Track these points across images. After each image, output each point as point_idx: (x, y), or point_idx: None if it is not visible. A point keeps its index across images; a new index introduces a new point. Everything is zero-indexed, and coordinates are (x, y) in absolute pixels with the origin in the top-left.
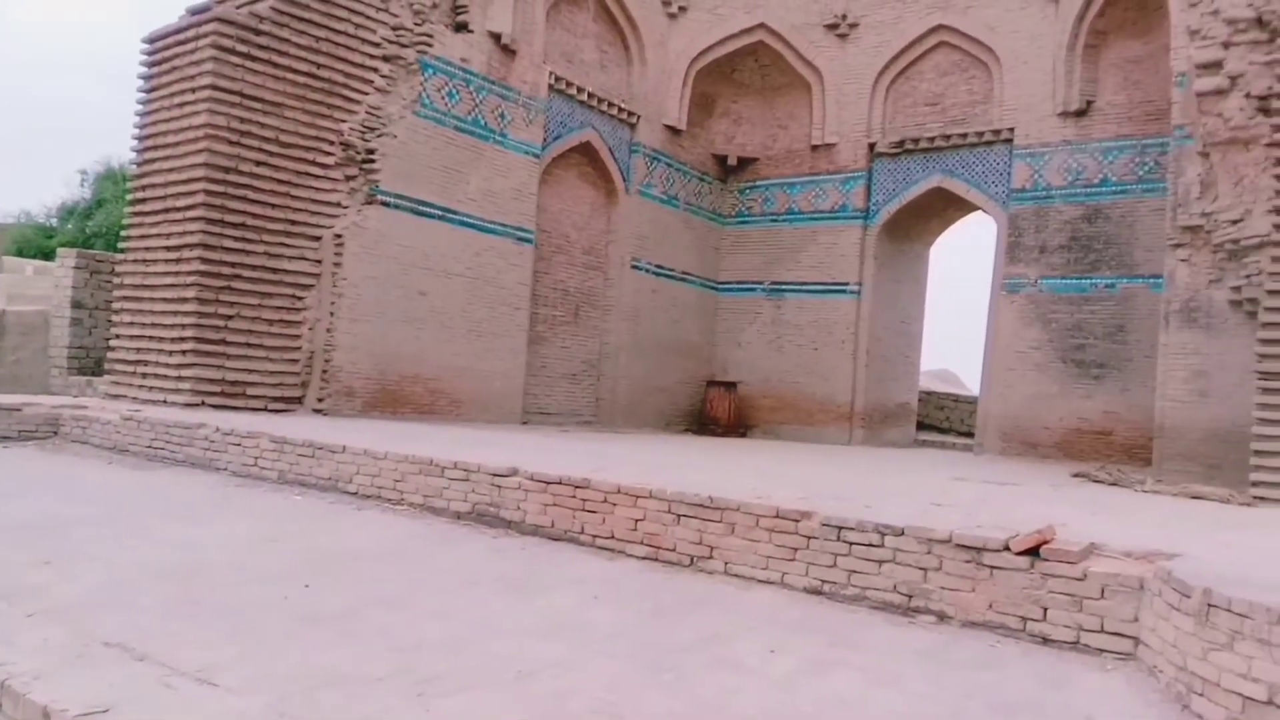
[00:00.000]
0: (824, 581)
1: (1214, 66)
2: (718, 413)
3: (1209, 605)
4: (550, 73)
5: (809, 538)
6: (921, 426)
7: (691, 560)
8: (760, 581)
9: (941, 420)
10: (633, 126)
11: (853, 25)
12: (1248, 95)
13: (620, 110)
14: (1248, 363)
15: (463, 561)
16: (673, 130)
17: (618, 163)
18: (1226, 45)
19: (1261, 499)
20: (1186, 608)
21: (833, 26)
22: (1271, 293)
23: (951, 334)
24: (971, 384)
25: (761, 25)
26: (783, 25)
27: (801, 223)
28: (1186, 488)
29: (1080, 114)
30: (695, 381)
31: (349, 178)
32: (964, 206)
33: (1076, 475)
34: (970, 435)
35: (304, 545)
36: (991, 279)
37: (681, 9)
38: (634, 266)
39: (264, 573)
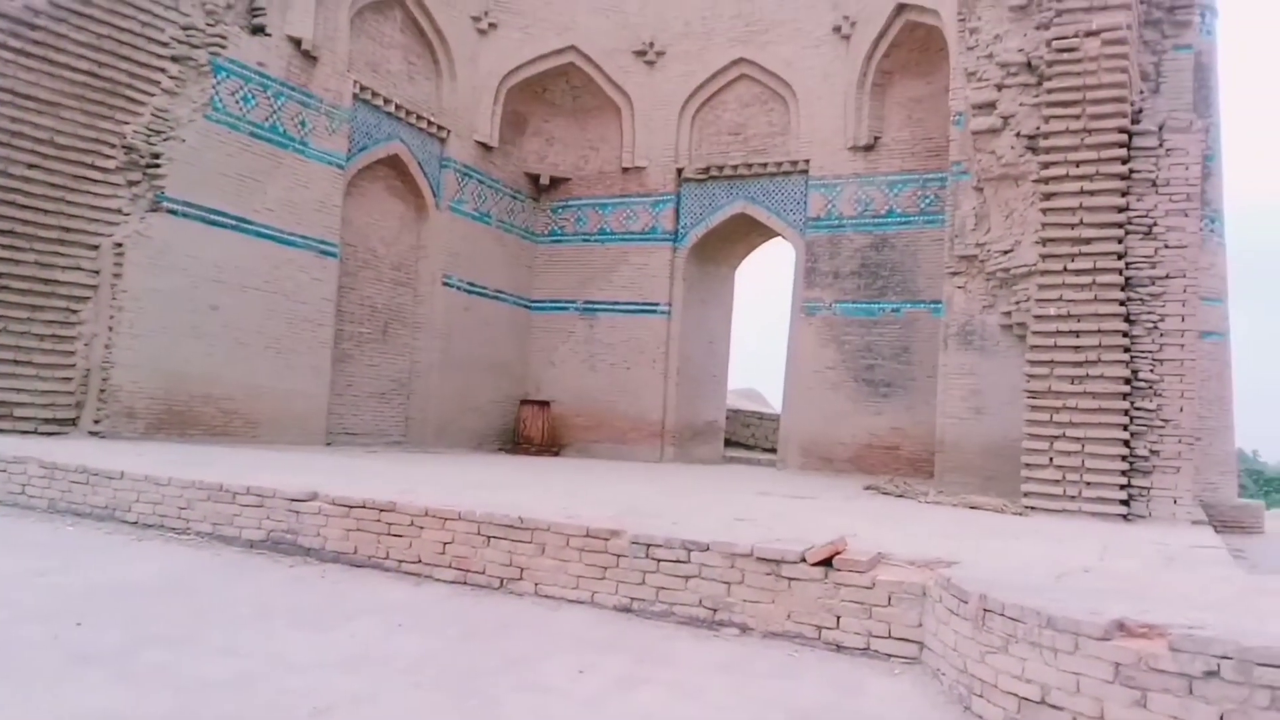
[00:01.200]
0: (633, 599)
1: (988, 107)
2: (531, 432)
3: (984, 610)
4: (355, 81)
5: (619, 556)
6: (730, 444)
7: (501, 582)
8: (571, 601)
9: (748, 437)
10: (443, 141)
11: (660, 53)
12: (1018, 134)
13: (430, 124)
14: (1018, 382)
15: (255, 593)
16: (485, 147)
17: (428, 177)
18: (1000, 87)
19: (1032, 508)
20: (964, 613)
21: (641, 53)
22: (1038, 317)
23: (756, 354)
24: (775, 402)
25: (572, 48)
26: (593, 49)
27: (614, 242)
28: (965, 498)
29: (869, 148)
30: (509, 400)
31: (132, 183)
32: (766, 232)
33: (868, 488)
34: (774, 451)
35: (77, 579)
36: (791, 302)
37: (492, 25)
38: (445, 283)
39: (32, 610)
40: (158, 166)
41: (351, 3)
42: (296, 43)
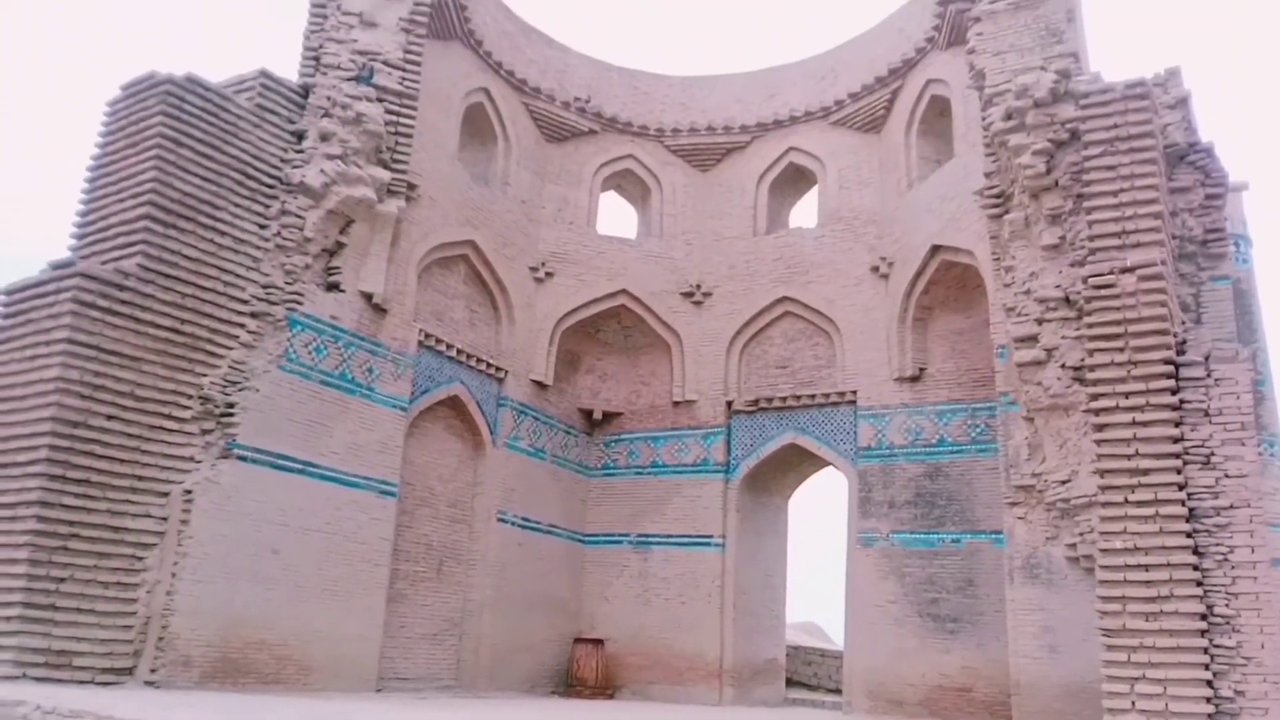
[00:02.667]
0: None
1: (1030, 340)
2: (585, 673)
3: None
4: (420, 330)
5: None
6: (791, 683)
7: None
8: None
9: (810, 676)
10: (501, 381)
11: (706, 294)
12: (1063, 366)
13: (489, 365)
14: (1091, 618)
15: None
16: (540, 385)
17: (485, 416)
18: (1040, 321)
19: None
20: None
21: (688, 294)
22: (1105, 551)
23: (813, 586)
24: (836, 636)
25: (624, 291)
26: (643, 292)
27: (666, 475)
28: None
29: (914, 379)
30: (562, 639)
31: (205, 431)
32: (817, 462)
33: None
34: (839, 692)
35: None
36: (847, 532)
37: (549, 274)
38: (500, 519)
39: None
40: (231, 415)
41: (420, 260)
42: (368, 297)
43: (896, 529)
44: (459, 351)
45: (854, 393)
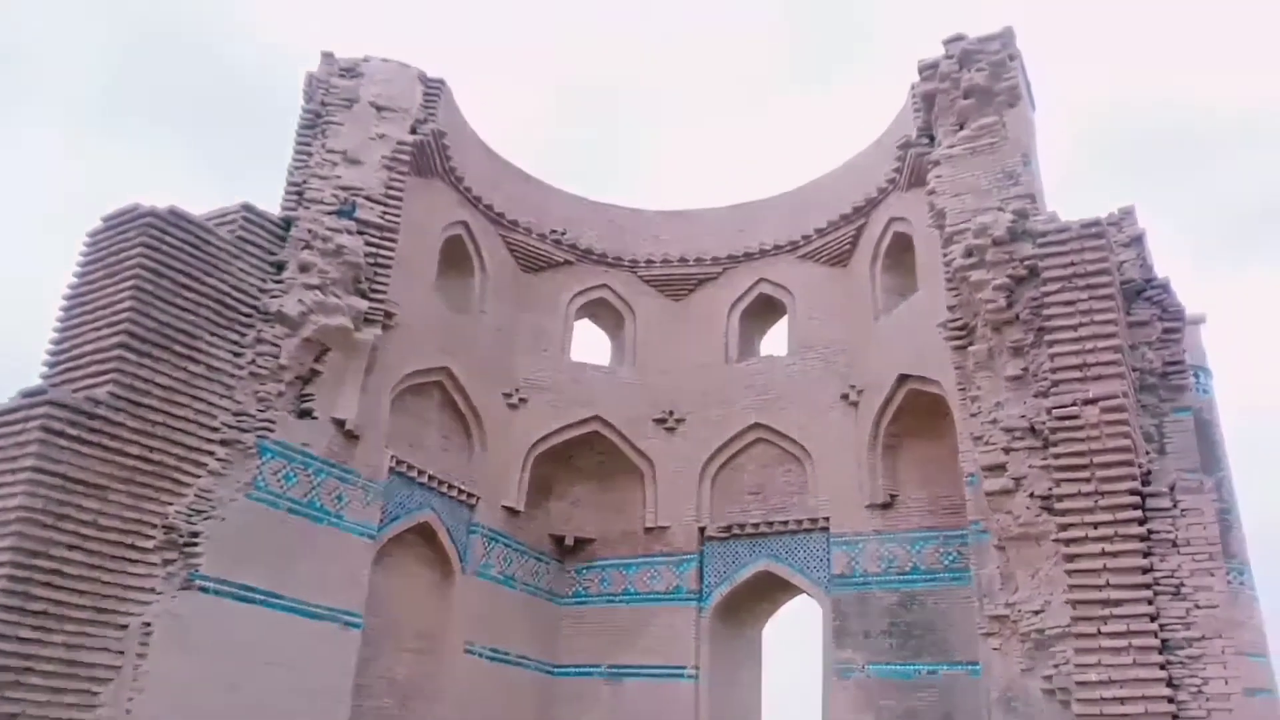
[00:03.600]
0: None
1: (998, 469)
2: None
3: None
4: (392, 456)
5: None
6: None
7: None
8: None
9: None
10: (472, 507)
11: (679, 420)
12: (1031, 495)
13: (461, 492)
14: None
15: None
16: (512, 511)
17: (456, 543)
18: (1007, 450)
19: None
20: None
21: (661, 421)
22: (1080, 684)
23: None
24: None
25: (597, 417)
26: (616, 418)
27: (638, 603)
28: None
29: (886, 506)
30: None
31: (167, 561)
32: (790, 589)
33: None
34: None
35: None
36: (823, 663)
37: (523, 400)
38: (468, 650)
39: None
40: (195, 544)
41: (394, 386)
42: (340, 423)
43: (873, 660)
44: (431, 478)
45: (826, 519)
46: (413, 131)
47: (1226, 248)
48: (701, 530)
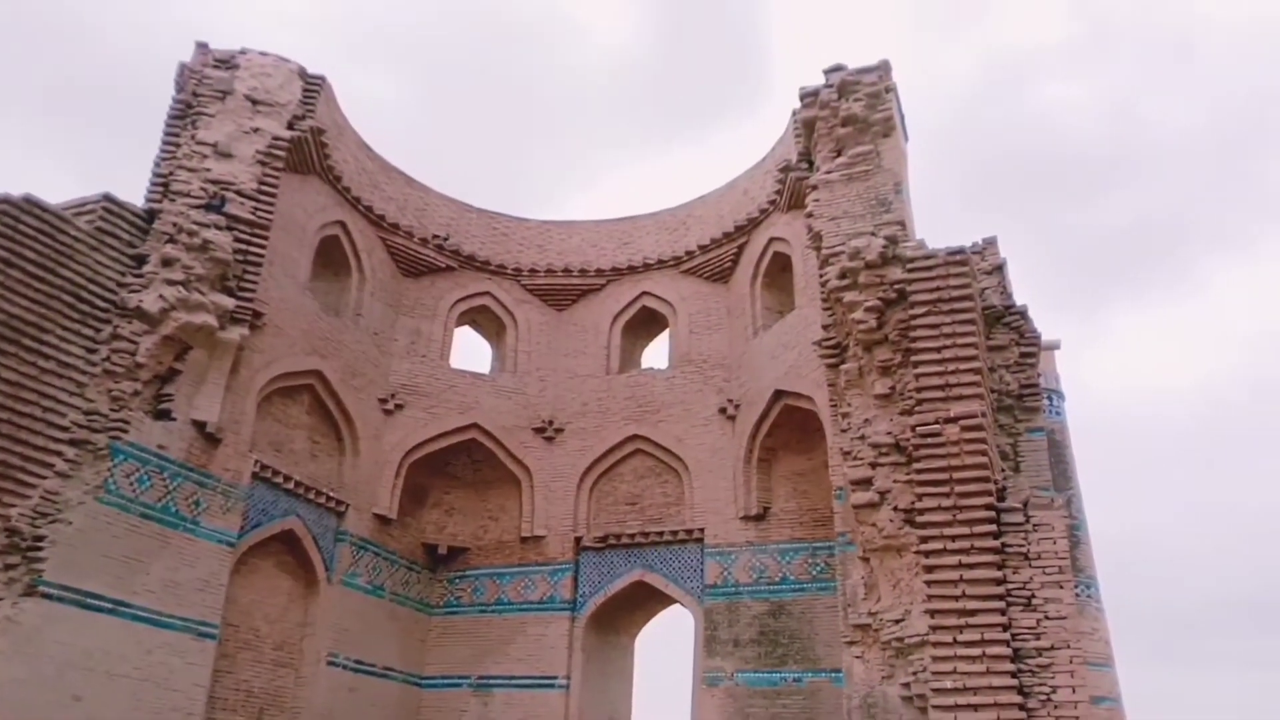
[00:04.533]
0: None
1: (865, 483)
2: None
3: None
4: (256, 460)
5: None
6: None
7: None
8: None
9: None
10: (341, 515)
11: (559, 430)
12: (895, 509)
13: (329, 499)
14: None
15: None
16: (383, 519)
17: (322, 551)
18: (874, 465)
19: None
20: None
21: (540, 430)
22: (936, 691)
23: None
24: None
25: (475, 425)
26: (494, 426)
27: (511, 612)
28: None
29: (759, 518)
30: None
31: (9, 566)
32: (664, 599)
33: None
34: None
35: None
36: (692, 672)
37: (398, 406)
38: (330, 662)
39: None
40: (39, 549)
41: (261, 389)
42: (201, 426)
43: (741, 668)
44: (297, 484)
45: (701, 530)
46: (290, 127)
47: (1083, 279)
48: (578, 540)
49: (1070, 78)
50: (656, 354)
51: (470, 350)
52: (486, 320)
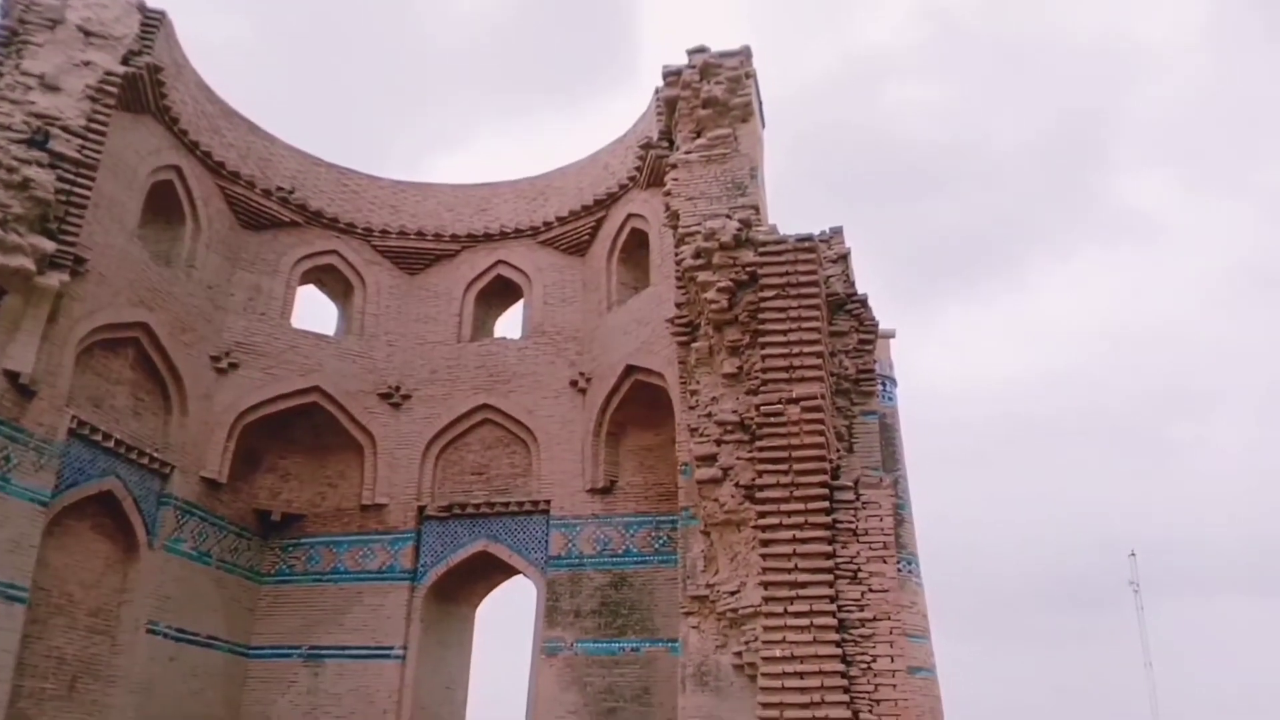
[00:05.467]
0: None
1: (710, 459)
2: None
3: None
4: (73, 416)
5: None
6: None
7: None
8: None
9: None
10: (165, 477)
11: (405, 397)
12: (737, 485)
13: (152, 460)
14: None
15: None
16: (212, 483)
17: (143, 515)
18: (719, 442)
19: None
20: None
21: (386, 396)
22: (766, 659)
23: (499, 697)
24: None
25: (316, 389)
26: (337, 390)
27: (347, 582)
28: None
29: (606, 491)
30: None
31: None
32: (507, 570)
33: None
34: None
35: None
36: (532, 642)
37: (232, 365)
38: (150, 630)
39: None
40: None
41: (80, 340)
42: (13, 376)
43: (580, 637)
44: (117, 442)
45: (548, 502)
46: (124, 62)
47: (918, 272)
48: (421, 509)
49: (923, 80)
50: (510, 324)
51: (314, 311)
52: (333, 280)
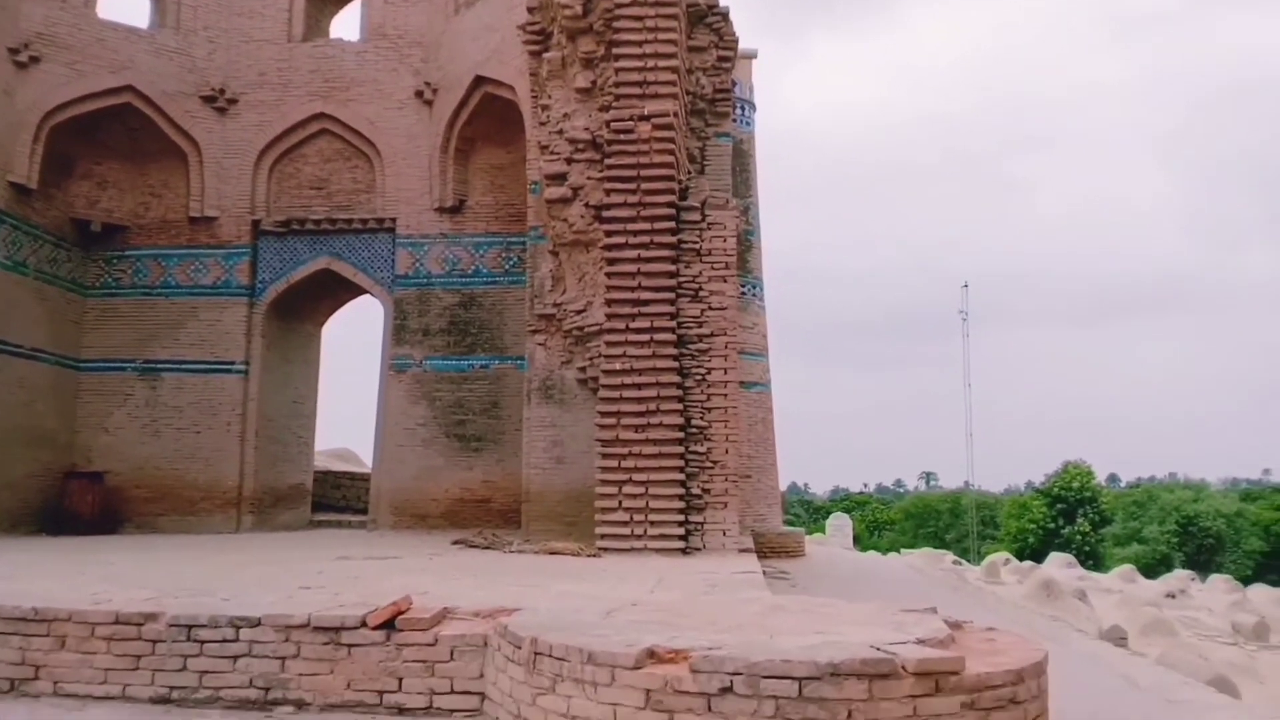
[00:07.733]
0: (173, 688)
1: (560, 178)
2: (80, 508)
3: (535, 654)
4: None
5: (154, 642)
6: (319, 506)
7: (12, 685)
8: (98, 699)
9: (339, 499)
10: None
11: (231, 101)
12: (587, 205)
13: None
14: (593, 433)
15: None
16: (21, 189)
17: None
18: (570, 161)
19: (605, 549)
20: (518, 658)
21: (210, 99)
22: (606, 372)
23: (349, 414)
24: (370, 460)
25: (130, 88)
26: (154, 91)
27: (180, 296)
28: (547, 545)
29: (455, 210)
30: (51, 474)
31: None
32: (354, 289)
33: (456, 542)
34: (366, 512)
35: None
36: (381, 359)
37: (33, 59)
38: None
39: None
40: None
41: None
42: None
43: (430, 355)
44: None
45: (394, 220)
46: None
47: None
48: (256, 223)
49: None
50: (347, 25)
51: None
52: None
